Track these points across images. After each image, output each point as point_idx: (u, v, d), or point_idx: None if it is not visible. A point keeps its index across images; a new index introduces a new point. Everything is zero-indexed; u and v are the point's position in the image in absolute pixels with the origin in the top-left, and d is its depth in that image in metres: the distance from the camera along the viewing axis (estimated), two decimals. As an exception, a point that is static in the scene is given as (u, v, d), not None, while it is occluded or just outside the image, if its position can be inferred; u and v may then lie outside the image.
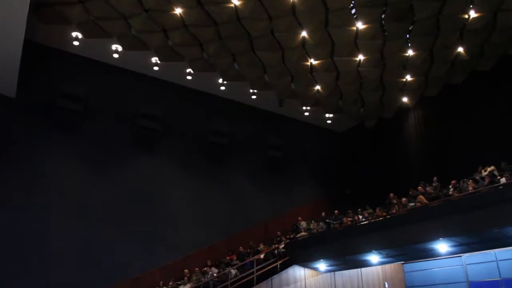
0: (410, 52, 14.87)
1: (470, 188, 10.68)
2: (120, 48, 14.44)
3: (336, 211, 16.25)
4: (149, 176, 15.35)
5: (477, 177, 11.78)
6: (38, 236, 12.52)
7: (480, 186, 10.61)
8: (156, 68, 15.64)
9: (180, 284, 13.40)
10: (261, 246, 15.26)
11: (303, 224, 16.39)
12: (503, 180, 10.22)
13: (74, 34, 13.73)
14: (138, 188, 14.90)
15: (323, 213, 17.11)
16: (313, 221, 16.39)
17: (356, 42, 14.33)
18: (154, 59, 15.20)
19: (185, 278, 13.78)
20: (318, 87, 16.70)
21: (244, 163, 17.97)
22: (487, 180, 10.69)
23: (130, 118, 15.43)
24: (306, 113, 19.24)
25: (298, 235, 15.07)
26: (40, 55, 14.00)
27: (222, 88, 17.13)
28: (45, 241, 12.60)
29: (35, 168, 13.20)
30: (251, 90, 17.35)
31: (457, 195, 10.82)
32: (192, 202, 16.00)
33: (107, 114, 15.06)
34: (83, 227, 13.34)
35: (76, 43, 14.05)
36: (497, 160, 12.28)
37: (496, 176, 10.98)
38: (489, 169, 11.94)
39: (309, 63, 15.34)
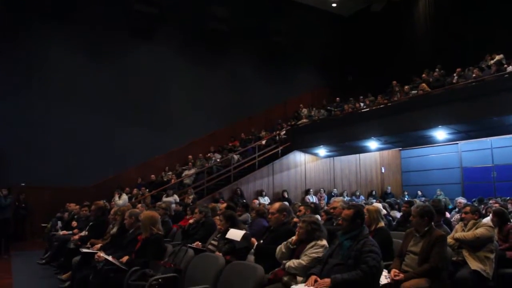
0: None
1: (474, 76, 10.52)
2: None
3: (337, 99, 16.28)
4: (149, 64, 15.06)
5: (483, 65, 11.50)
6: (40, 124, 12.72)
7: (486, 74, 10.42)
8: None
9: (185, 170, 13.94)
10: (263, 132, 15.57)
11: (305, 111, 16.52)
12: (509, 68, 9.99)
13: None
14: (138, 76, 14.72)
15: (324, 100, 17.15)
16: (314, 108, 16.51)
17: None
18: None
19: (190, 163, 14.32)
20: (324, -33, 15.56)
21: (246, 51, 17.50)
22: (493, 69, 10.46)
23: (125, 1, 14.61)
24: (311, -5, 18.19)
25: (299, 122, 15.27)
26: None
27: (221, -32, 15.97)
28: (47, 130, 12.82)
29: (33, 56, 12.94)
30: (252, -30, 16.18)
31: (461, 83, 10.69)
32: (193, 89, 15.93)
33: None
34: (84, 116, 13.45)
35: None
36: (508, 49, 11.86)
37: (503, 65, 10.70)
38: (497, 57, 11.58)
39: None
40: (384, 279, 3.42)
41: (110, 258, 4.19)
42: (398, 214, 7.94)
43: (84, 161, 13.19)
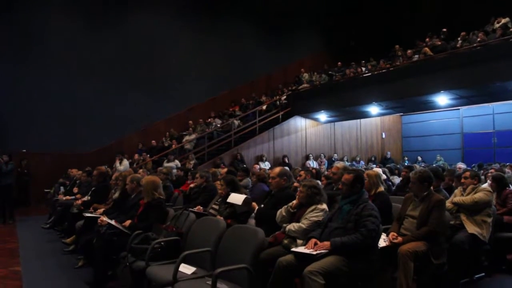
0: None
1: (479, 40, 10.32)
2: None
3: (339, 63, 16.07)
4: (148, 29, 14.79)
5: (489, 29, 11.26)
6: (39, 91, 12.58)
7: (491, 38, 10.22)
8: None
9: (186, 135, 13.94)
10: (263, 97, 15.47)
11: (306, 76, 16.35)
12: (515, 31, 9.79)
13: None
14: (138, 41, 14.49)
15: (325, 65, 16.94)
16: (315, 73, 16.33)
17: None
18: None
19: (190, 129, 14.30)
20: None
21: (245, 14, 17.13)
22: (498, 32, 10.24)
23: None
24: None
25: (300, 86, 15.15)
26: None
27: None
28: (47, 96, 12.70)
29: (32, 23, 12.69)
30: None
31: (465, 47, 10.51)
32: (193, 54, 15.72)
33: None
34: (84, 82, 13.33)
35: None
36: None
37: (508, 28, 10.47)
38: (503, 20, 11.29)
39: None
40: (382, 242, 3.47)
41: (113, 222, 4.25)
42: (397, 179, 8.01)
43: (85, 127, 13.16)
